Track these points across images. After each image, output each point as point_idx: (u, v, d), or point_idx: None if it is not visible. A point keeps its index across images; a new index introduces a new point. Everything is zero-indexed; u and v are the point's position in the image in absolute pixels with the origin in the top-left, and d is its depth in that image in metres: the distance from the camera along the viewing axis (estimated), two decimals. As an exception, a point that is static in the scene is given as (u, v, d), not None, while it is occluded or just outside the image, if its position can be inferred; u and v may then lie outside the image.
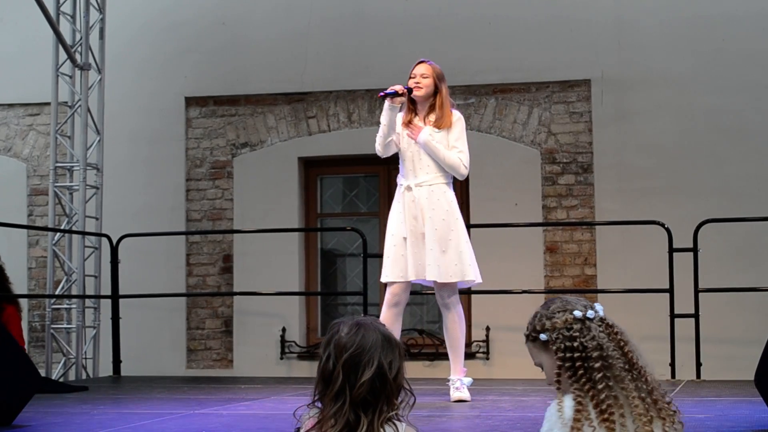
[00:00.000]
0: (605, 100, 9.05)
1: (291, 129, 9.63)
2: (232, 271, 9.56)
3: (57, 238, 8.98)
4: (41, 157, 9.96)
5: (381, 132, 5.80)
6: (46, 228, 9.10)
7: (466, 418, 5.10)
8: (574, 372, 2.50)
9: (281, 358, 9.39)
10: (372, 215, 9.63)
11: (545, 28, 9.17)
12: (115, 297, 8.67)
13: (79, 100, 8.96)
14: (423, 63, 5.88)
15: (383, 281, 5.83)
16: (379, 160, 6.21)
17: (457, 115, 5.84)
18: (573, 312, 2.54)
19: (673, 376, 7.69)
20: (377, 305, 7.83)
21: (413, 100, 5.82)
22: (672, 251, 7.79)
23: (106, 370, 8.80)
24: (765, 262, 8.61)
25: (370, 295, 8.50)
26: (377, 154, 5.90)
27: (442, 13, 9.36)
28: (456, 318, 5.82)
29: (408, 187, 5.76)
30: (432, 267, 5.63)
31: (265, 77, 9.64)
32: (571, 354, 2.51)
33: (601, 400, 2.47)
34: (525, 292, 8.38)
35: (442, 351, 8.60)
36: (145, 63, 9.83)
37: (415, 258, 5.69)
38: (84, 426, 5.00)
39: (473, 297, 9.05)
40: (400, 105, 5.79)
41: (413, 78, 5.81)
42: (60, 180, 9.11)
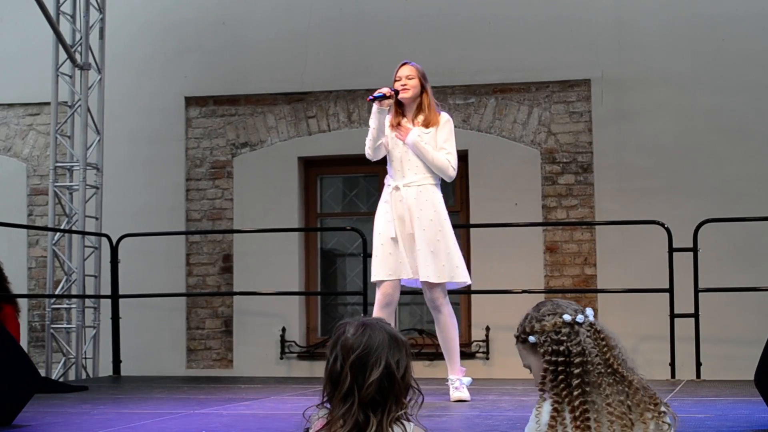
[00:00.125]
0: (605, 100, 9.05)
1: (291, 129, 9.63)
2: (232, 271, 9.56)
3: (57, 237, 8.98)
4: (41, 157, 9.96)
5: (370, 135, 5.83)
6: (46, 228, 9.10)
7: (466, 418, 5.10)
8: (555, 376, 2.51)
9: (281, 358, 9.39)
10: (372, 215, 9.51)
11: (545, 28, 9.17)
12: (115, 297, 8.67)
13: (79, 99, 8.96)
14: (406, 65, 5.89)
15: (373, 281, 5.84)
16: (379, 160, 6.22)
17: (446, 117, 5.87)
18: (563, 316, 2.54)
19: (673, 375, 7.69)
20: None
21: (400, 102, 5.84)
22: (672, 251, 7.79)
23: (105, 370, 8.79)
24: (765, 262, 8.61)
25: (370, 295, 8.47)
26: (367, 157, 5.93)
27: (442, 13, 9.36)
28: (448, 319, 5.82)
29: (396, 187, 5.77)
30: (422, 268, 5.64)
31: (265, 77, 9.64)
32: (557, 358, 2.51)
33: (576, 406, 2.47)
34: (525, 291, 8.38)
35: (442, 351, 8.60)
36: (145, 63, 9.83)
37: (404, 258, 5.69)
38: (84, 426, 5.00)
39: (473, 297, 9.05)
40: (388, 108, 5.80)
41: (398, 80, 5.82)
42: (60, 180, 9.11)
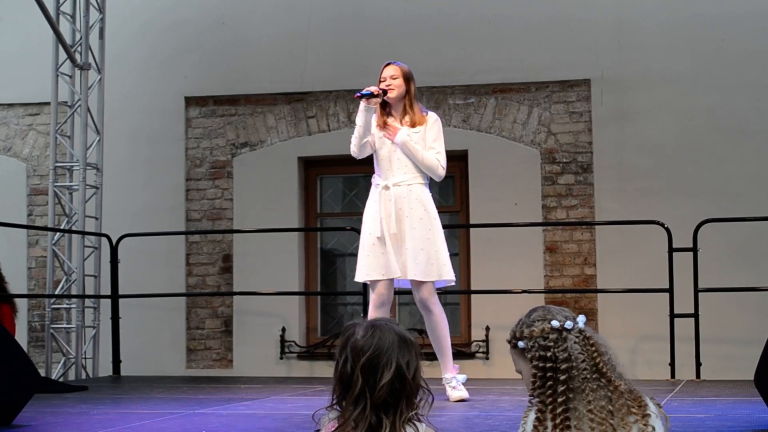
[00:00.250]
0: (605, 99, 9.05)
1: (291, 129, 9.63)
2: (231, 271, 9.56)
3: (57, 237, 8.98)
4: (41, 157, 9.96)
5: (356, 133, 5.82)
6: (45, 228, 9.10)
7: (466, 418, 5.10)
8: (543, 382, 2.51)
9: (281, 358, 9.39)
10: (372, 215, 9.59)
11: (545, 28, 9.17)
12: (115, 297, 8.67)
13: (79, 99, 8.96)
14: (391, 65, 5.89)
15: (365, 280, 5.81)
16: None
17: (434, 117, 5.88)
18: (551, 322, 2.54)
19: (673, 375, 7.69)
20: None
21: (385, 102, 5.84)
22: (672, 251, 7.79)
23: (105, 370, 8.79)
24: (765, 262, 8.61)
25: (369, 295, 8.48)
26: (352, 155, 5.90)
27: (442, 13, 9.36)
28: (439, 318, 5.81)
29: (386, 187, 5.75)
30: (411, 267, 5.62)
31: (265, 77, 9.64)
32: (544, 364, 2.51)
33: (558, 413, 2.48)
34: (525, 291, 8.38)
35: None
36: (145, 63, 9.83)
37: (394, 257, 5.68)
38: (83, 426, 4.99)
39: (473, 297, 9.05)
40: (375, 106, 5.80)
41: (383, 81, 5.81)
42: (60, 180, 9.11)
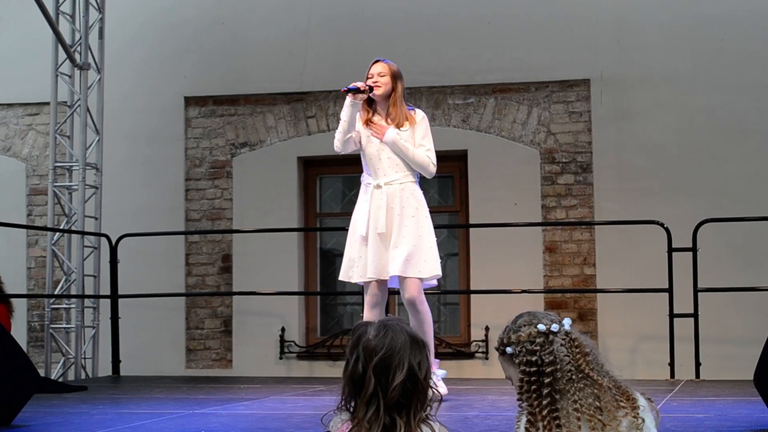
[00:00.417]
0: (604, 99, 9.05)
1: (290, 129, 9.63)
2: (231, 271, 9.56)
3: (56, 237, 8.97)
4: (40, 157, 9.96)
5: (341, 128, 5.77)
6: (45, 228, 9.10)
7: (465, 418, 5.09)
8: (529, 387, 2.52)
9: (280, 357, 9.39)
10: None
11: (545, 28, 9.17)
12: (115, 297, 8.67)
13: (79, 99, 8.96)
14: (379, 62, 5.87)
15: (346, 280, 5.78)
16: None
17: (422, 114, 5.85)
18: (537, 326, 2.55)
19: (673, 375, 7.69)
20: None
21: (371, 99, 5.81)
22: (671, 251, 7.79)
23: (105, 370, 8.79)
24: (764, 262, 8.61)
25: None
26: (335, 149, 5.85)
27: (442, 13, 9.36)
28: (425, 317, 5.78)
29: (378, 186, 5.73)
30: (401, 265, 5.58)
31: (265, 77, 9.63)
32: (530, 368, 2.52)
33: (545, 415, 2.48)
34: (524, 291, 8.38)
35: (441, 351, 8.61)
36: (145, 63, 9.83)
37: (380, 257, 5.65)
38: (83, 426, 4.99)
39: (472, 297, 9.05)
40: (361, 102, 5.78)
41: (371, 78, 5.79)
42: (59, 180, 9.11)
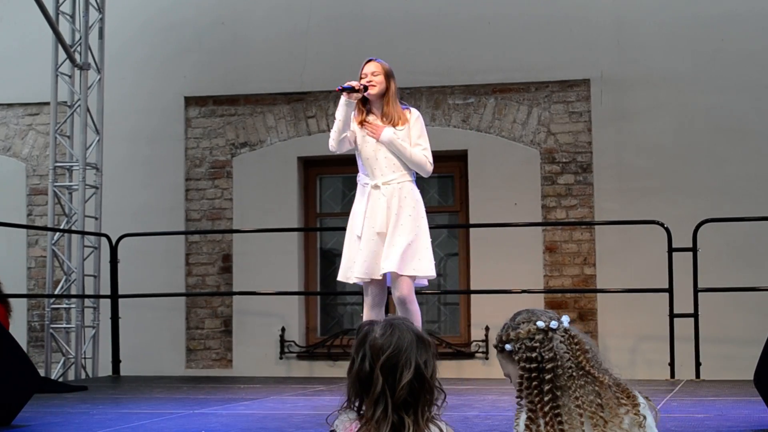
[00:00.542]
0: (604, 99, 9.05)
1: (290, 129, 9.63)
2: (231, 271, 9.56)
3: (56, 237, 8.97)
4: (41, 157, 9.96)
5: (336, 127, 5.74)
6: (45, 228, 9.10)
7: (465, 418, 5.10)
8: (529, 383, 2.52)
9: (280, 357, 9.39)
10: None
11: (545, 28, 9.17)
12: (115, 297, 8.67)
13: (79, 99, 8.96)
14: (372, 61, 5.84)
15: (358, 281, 5.75)
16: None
17: (417, 114, 5.82)
18: (536, 323, 2.55)
19: (673, 375, 7.69)
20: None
21: (365, 99, 5.80)
22: (671, 251, 7.79)
23: (105, 369, 8.79)
24: (764, 262, 8.61)
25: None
26: (330, 149, 5.83)
27: (442, 13, 9.36)
28: (416, 317, 5.76)
29: (376, 186, 5.71)
30: (394, 260, 5.56)
31: (265, 77, 9.63)
32: (530, 365, 2.52)
33: (546, 411, 2.48)
34: (524, 291, 8.38)
35: (441, 351, 8.61)
36: (145, 63, 9.83)
37: (377, 257, 5.64)
38: (83, 426, 4.99)
39: (473, 297, 9.05)
40: (355, 101, 5.77)
41: (364, 77, 5.76)
42: (59, 180, 9.11)
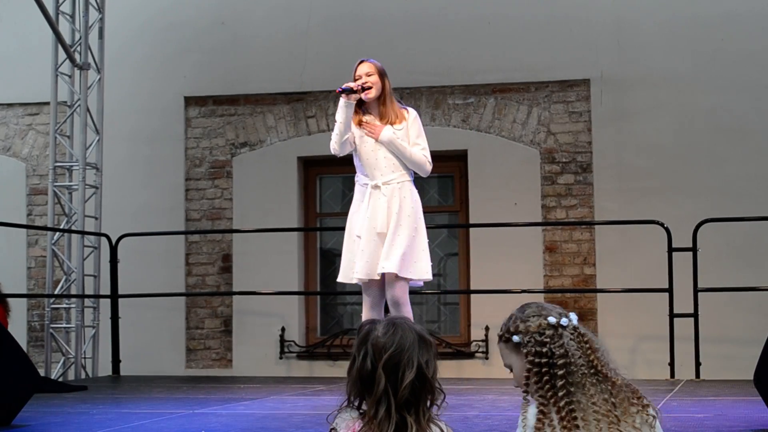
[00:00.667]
0: (604, 99, 9.05)
1: (290, 129, 9.63)
2: (231, 271, 9.56)
3: (56, 237, 8.97)
4: (40, 157, 9.96)
5: (337, 130, 5.74)
6: (45, 227, 9.10)
7: (465, 418, 5.10)
8: (539, 378, 2.52)
9: (280, 357, 9.39)
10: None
11: (545, 28, 9.17)
12: (115, 296, 8.67)
13: (79, 99, 8.96)
14: (364, 62, 5.81)
15: (358, 281, 5.75)
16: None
17: (414, 113, 5.82)
18: (548, 318, 2.55)
19: (673, 375, 7.69)
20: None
21: (361, 100, 5.78)
22: (671, 251, 7.79)
23: (105, 369, 8.79)
24: (764, 262, 8.61)
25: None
26: (332, 152, 5.82)
27: (442, 13, 9.36)
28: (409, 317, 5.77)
29: (376, 186, 5.71)
30: (391, 260, 5.56)
31: (265, 77, 9.63)
32: (540, 359, 2.52)
33: (562, 407, 2.49)
34: (524, 291, 8.38)
35: (441, 351, 8.61)
36: (145, 63, 9.83)
37: (377, 257, 5.64)
38: (83, 426, 4.99)
39: (472, 297, 9.05)
40: (355, 102, 5.76)
41: (359, 78, 5.74)
42: (59, 179, 9.11)
